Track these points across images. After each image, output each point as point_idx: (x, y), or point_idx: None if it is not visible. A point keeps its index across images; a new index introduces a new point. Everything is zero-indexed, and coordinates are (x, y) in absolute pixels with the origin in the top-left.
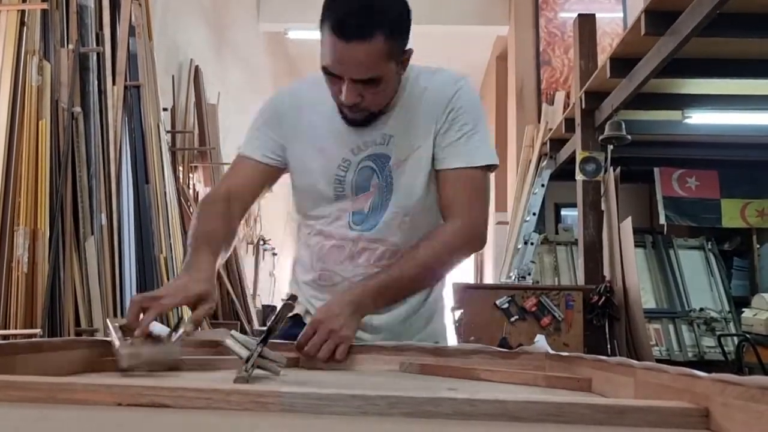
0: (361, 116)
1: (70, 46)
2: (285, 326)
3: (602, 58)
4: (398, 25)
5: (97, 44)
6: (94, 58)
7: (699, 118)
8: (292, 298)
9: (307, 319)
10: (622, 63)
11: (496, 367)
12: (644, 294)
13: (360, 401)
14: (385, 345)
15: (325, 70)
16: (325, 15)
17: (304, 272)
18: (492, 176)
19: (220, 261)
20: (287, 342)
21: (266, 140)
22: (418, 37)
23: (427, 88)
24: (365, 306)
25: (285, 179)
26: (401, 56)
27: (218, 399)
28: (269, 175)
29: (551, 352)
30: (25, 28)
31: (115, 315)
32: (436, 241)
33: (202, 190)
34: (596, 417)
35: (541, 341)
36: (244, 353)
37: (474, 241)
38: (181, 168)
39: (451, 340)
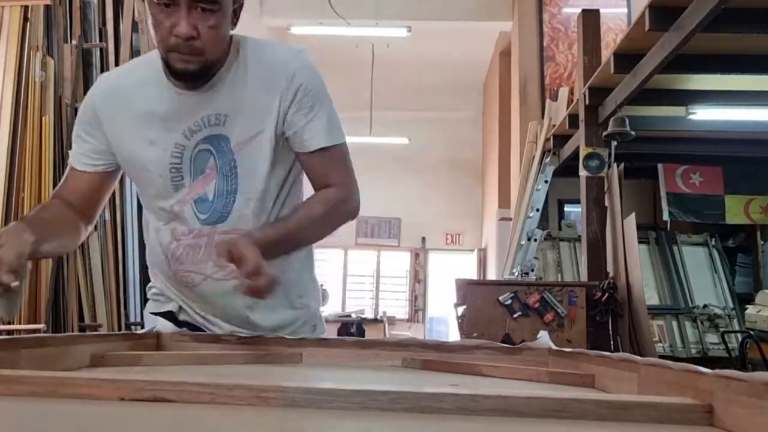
0: (193, 64)
1: (74, 42)
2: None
3: (606, 53)
4: None
5: (101, 40)
6: (98, 53)
7: (703, 114)
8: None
9: (181, 315)
10: (626, 59)
11: (499, 363)
12: (647, 290)
13: (362, 396)
14: (387, 341)
15: (158, 5)
16: None
17: (163, 273)
18: (495, 172)
19: (43, 230)
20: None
21: (86, 147)
22: (421, 33)
23: (263, 63)
24: (266, 253)
25: None
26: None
27: (221, 394)
28: (99, 180)
29: (554, 347)
30: (28, 24)
31: (118, 310)
32: (326, 201)
33: None
34: (599, 413)
35: (544, 337)
36: None
37: (352, 210)
38: None
39: (454, 335)
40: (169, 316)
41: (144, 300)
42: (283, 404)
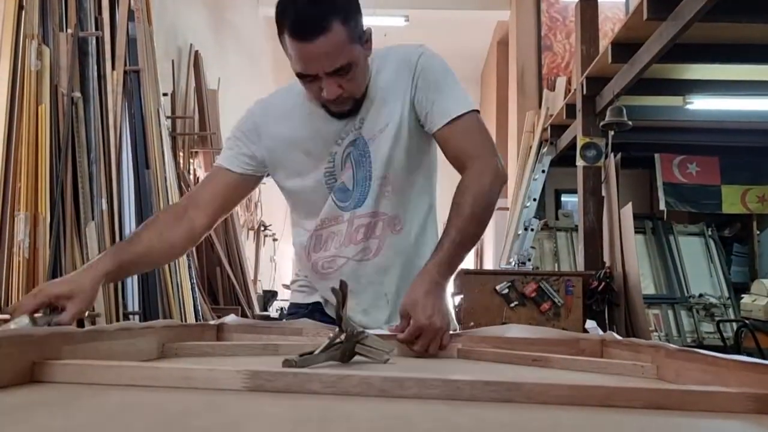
0: (347, 106)
1: (69, 31)
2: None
3: (604, 43)
4: (348, 5)
5: (96, 29)
6: (94, 42)
7: (700, 104)
8: (343, 284)
9: (328, 308)
10: (624, 48)
11: (554, 353)
12: (644, 280)
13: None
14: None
15: (300, 75)
16: (281, 24)
17: (307, 269)
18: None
19: (130, 270)
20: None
21: (241, 151)
22: (419, 23)
23: (388, 63)
24: (444, 280)
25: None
26: (363, 37)
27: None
28: (243, 183)
29: (608, 338)
30: (23, 12)
31: (116, 300)
32: (471, 189)
33: (203, 175)
34: (663, 403)
35: (593, 327)
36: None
37: (499, 174)
38: (181, 153)
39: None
40: (315, 306)
41: (142, 290)
42: (359, 393)
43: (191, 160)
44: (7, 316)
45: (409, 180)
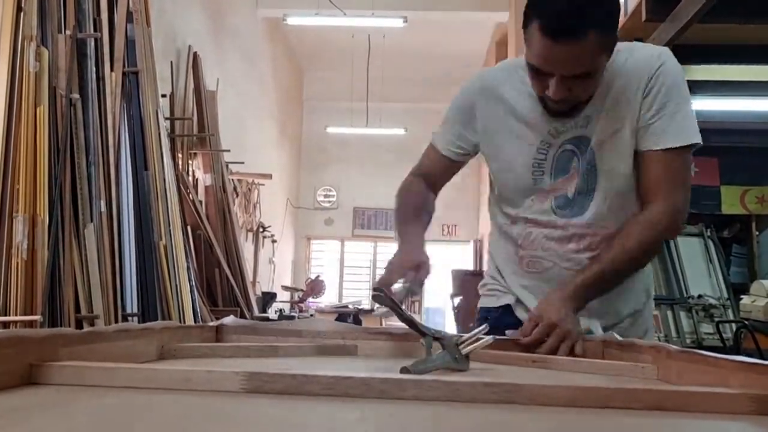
0: (566, 107)
1: (68, 32)
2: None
3: None
4: (610, 19)
5: (95, 30)
6: (92, 44)
7: (699, 105)
8: (379, 290)
9: (518, 310)
10: None
11: (555, 355)
12: None
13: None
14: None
15: (532, 67)
16: (533, 12)
17: (507, 261)
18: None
19: (426, 228)
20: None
21: (454, 135)
22: (418, 24)
23: (627, 65)
24: (581, 300)
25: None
26: (614, 46)
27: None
28: (454, 165)
29: (611, 339)
30: (22, 13)
31: (115, 301)
32: (642, 228)
33: (202, 177)
34: (664, 404)
35: (596, 328)
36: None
37: (676, 226)
38: (180, 155)
39: (450, 326)
40: (505, 310)
41: (140, 292)
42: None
43: (190, 162)
44: (6, 318)
45: (628, 197)
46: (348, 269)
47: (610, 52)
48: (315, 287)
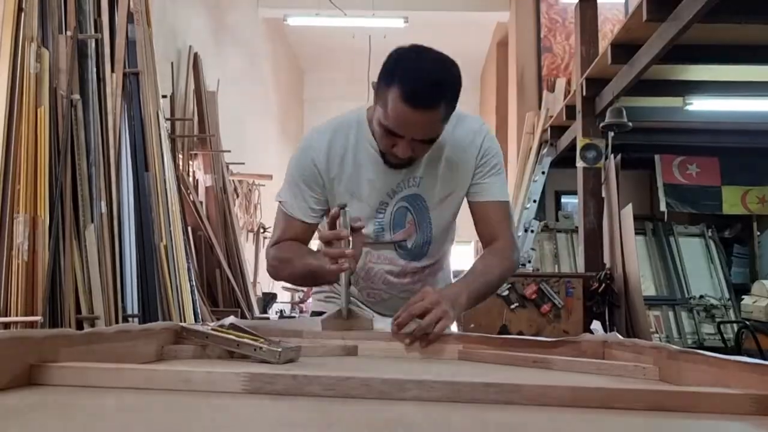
0: (406, 162)
1: (69, 33)
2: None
3: (603, 44)
4: (456, 92)
5: (96, 31)
6: (93, 45)
7: (700, 105)
8: (343, 205)
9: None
10: (624, 49)
11: (555, 355)
12: (644, 281)
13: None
14: (445, 334)
15: (385, 128)
16: (394, 80)
17: (357, 286)
18: None
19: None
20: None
21: (309, 200)
22: (418, 24)
23: (456, 135)
24: (460, 305)
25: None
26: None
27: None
28: (312, 230)
29: (610, 339)
30: (23, 14)
31: (115, 302)
32: (501, 259)
33: (202, 178)
34: (665, 405)
35: (598, 329)
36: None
37: (518, 260)
38: (180, 155)
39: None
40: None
41: (141, 293)
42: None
43: (191, 162)
44: (6, 319)
45: (449, 235)
46: None
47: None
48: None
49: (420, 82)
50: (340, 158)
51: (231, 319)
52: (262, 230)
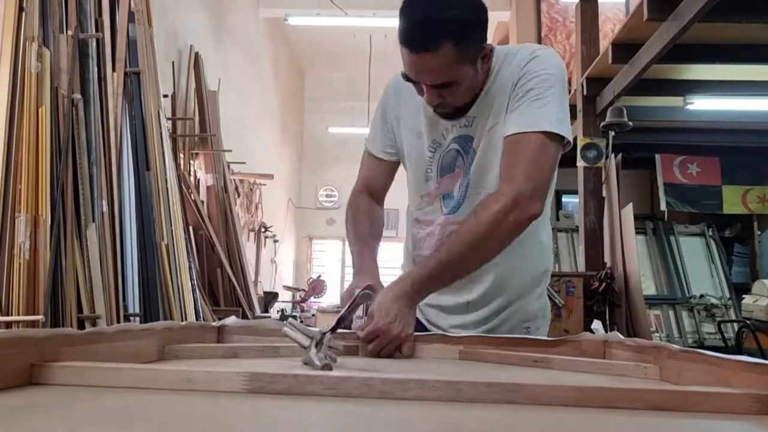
0: (449, 110)
1: (70, 33)
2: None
3: (604, 44)
4: (465, 29)
5: (97, 30)
6: (94, 44)
7: (701, 104)
8: (370, 288)
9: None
10: (624, 49)
11: (556, 354)
12: (645, 280)
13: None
14: (447, 335)
15: (405, 75)
16: (400, 26)
17: (407, 260)
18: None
19: (377, 249)
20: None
21: (381, 136)
22: None
23: (504, 67)
24: (417, 293)
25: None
26: (477, 55)
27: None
28: (392, 166)
29: (611, 338)
30: (23, 14)
31: (117, 301)
32: (481, 217)
33: (203, 177)
34: (665, 404)
35: (598, 327)
36: (305, 341)
37: (519, 208)
38: (182, 155)
39: None
40: None
41: (142, 292)
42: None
43: (192, 162)
44: (8, 318)
45: (495, 176)
46: (349, 269)
47: (475, 60)
48: (317, 287)
49: (412, 22)
50: (405, 96)
51: (231, 320)
52: (263, 229)
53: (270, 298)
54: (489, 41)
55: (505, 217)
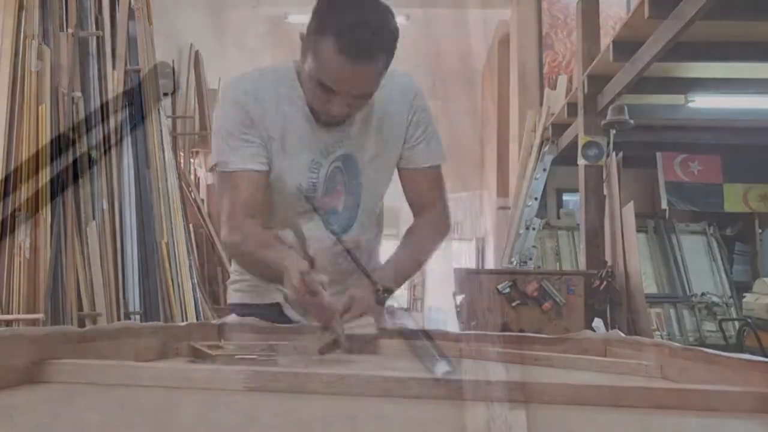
0: (338, 120)
1: (70, 30)
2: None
3: (605, 41)
4: (395, 40)
5: (97, 28)
6: (94, 42)
7: (702, 102)
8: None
9: (288, 309)
10: (626, 47)
11: (556, 353)
12: (646, 278)
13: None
14: (447, 334)
15: (319, 84)
16: (327, 29)
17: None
18: (494, 161)
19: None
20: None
21: (253, 146)
22: (420, 21)
23: (389, 90)
24: (392, 284)
25: None
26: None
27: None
28: (267, 175)
29: (613, 337)
30: (24, 12)
31: (117, 299)
32: (431, 231)
33: (203, 175)
34: (667, 402)
35: (599, 326)
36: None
37: (449, 229)
38: (182, 153)
39: (453, 325)
40: (269, 308)
41: (143, 290)
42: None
43: (192, 160)
44: (8, 316)
45: (377, 209)
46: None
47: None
48: None
49: (357, 32)
50: (270, 109)
51: (231, 318)
52: None
53: None
54: (490, 39)
55: (443, 236)
